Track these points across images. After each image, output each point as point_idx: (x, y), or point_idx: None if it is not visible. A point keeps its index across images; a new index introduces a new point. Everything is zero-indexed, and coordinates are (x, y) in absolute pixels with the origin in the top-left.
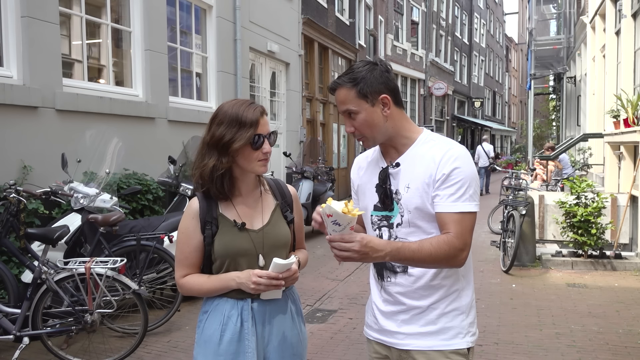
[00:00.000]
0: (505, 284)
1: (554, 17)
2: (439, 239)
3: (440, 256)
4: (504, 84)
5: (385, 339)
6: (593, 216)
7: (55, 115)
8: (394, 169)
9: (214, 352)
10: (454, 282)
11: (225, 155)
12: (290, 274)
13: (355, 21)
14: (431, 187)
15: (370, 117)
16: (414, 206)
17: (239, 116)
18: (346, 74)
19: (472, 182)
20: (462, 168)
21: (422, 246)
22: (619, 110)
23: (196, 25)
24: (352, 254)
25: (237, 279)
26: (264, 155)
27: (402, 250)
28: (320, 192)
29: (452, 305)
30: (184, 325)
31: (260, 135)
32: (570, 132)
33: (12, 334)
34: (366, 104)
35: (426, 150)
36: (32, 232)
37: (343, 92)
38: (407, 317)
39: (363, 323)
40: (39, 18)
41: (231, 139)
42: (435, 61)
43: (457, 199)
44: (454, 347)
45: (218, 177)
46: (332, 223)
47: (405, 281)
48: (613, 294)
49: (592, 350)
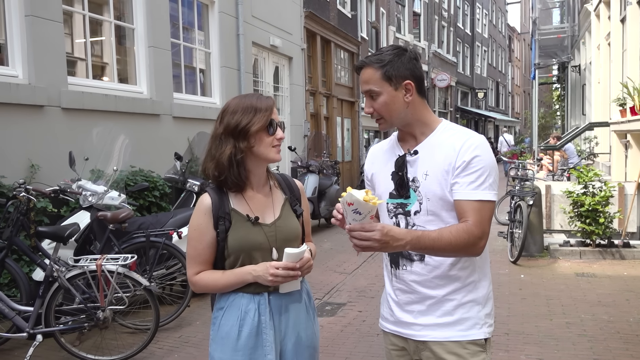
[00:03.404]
0: (513, 274)
1: (557, 5)
2: (457, 227)
3: (460, 245)
4: (507, 74)
5: (401, 331)
6: (601, 205)
7: (61, 114)
8: (412, 156)
9: (232, 347)
10: (470, 274)
11: (242, 140)
12: (304, 262)
13: (357, 14)
14: (450, 175)
15: (391, 101)
16: (433, 194)
17: (253, 104)
18: (374, 55)
19: (492, 171)
20: (482, 156)
21: (442, 234)
22: (625, 98)
23: (199, 21)
24: (372, 243)
25: (254, 272)
26: (278, 142)
27: (422, 239)
28: (325, 186)
29: (469, 297)
30: (195, 321)
31: (272, 120)
32: (575, 122)
33: (25, 332)
34: (389, 86)
35: (445, 138)
36: (42, 230)
37: (368, 72)
38: (423, 308)
39: (372, 316)
40: (42, 17)
41: (249, 122)
42: (438, 52)
43: (477, 187)
44: (471, 337)
45: (235, 164)
46: (353, 212)
47: (421, 270)
48: (622, 282)
49: (604, 339)
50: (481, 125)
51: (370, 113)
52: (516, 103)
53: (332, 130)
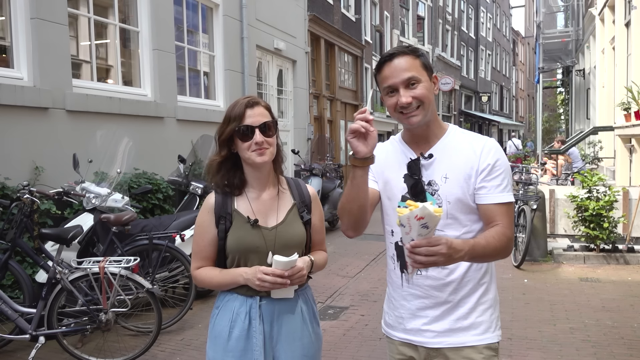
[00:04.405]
0: (517, 279)
1: (562, 9)
2: (497, 232)
3: (502, 248)
4: (511, 78)
5: (412, 339)
6: (605, 210)
7: (66, 116)
8: (427, 160)
9: (223, 347)
10: (482, 275)
11: (222, 148)
12: (295, 272)
13: (361, 17)
14: (473, 179)
15: (429, 90)
16: (454, 197)
17: (229, 112)
18: (405, 47)
19: (510, 174)
20: (502, 159)
21: (488, 241)
22: (629, 102)
23: (203, 24)
24: (438, 258)
25: (245, 275)
26: (256, 146)
27: (476, 248)
28: (329, 189)
29: (482, 299)
30: (197, 324)
31: (246, 126)
32: (579, 126)
33: (28, 334)
34: (427, 75)
35: (460, 141)
36: (46, 232)
37: (407, 60)
38: (438, 313)
39: (375, 320)
40: (48, 19)
41: (222, 132)
42: (442, 56)
43: (503, 190)
44: (486, 341)
45: (218, 168)
46: (421, 226)
47: (438, 274)
48: (627, 287)
49: (607, 345)
50: (485, 129)
51: (407, 104)
52: (520, 107)
53: (335, 134)
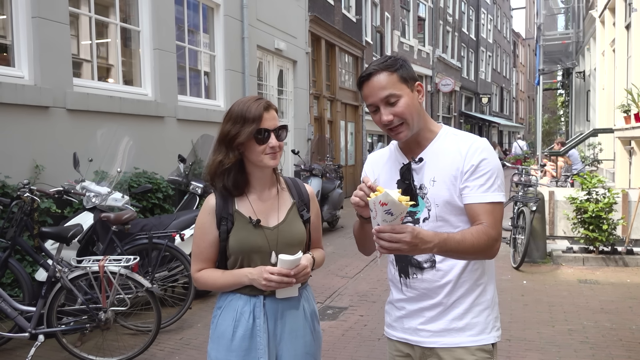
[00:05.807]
0: (516, 280)
1: (562, 11)
2: (477, 229)
3: (481, 246)
4: (511, 79)
5: (409, 338)
6: (604, 212)
7: (66, 115)
8: (417, 164)
9: (226, 347)
10: (479, 277)
11: (232, 150)
12: (300, 270)
13: (362, 18)
14: (459, 180)
15: (412, 102)
16: (442, 199)
17: (243, 112)
18: (381, 63)
19: (499, 173)
20: (489, 159)
21: (465, 237)
22: (629, 105)
23: (204, 24)
24: (401, 245)
25: (250, 275)
26: (271, 149)
27: (448, 242)
28: (328, 190)
29: (478, 300)
30: (196, 323)
31: (265, 129)
32: (579, 128)
33: (27, 332)
34: (407, 88)
35: (449, 144)
36: (46, 230)
37: (383, 77)
38: (434, 314)
39: (374, 320)
40: (49, 18)
41: (236, 134)
42: (442, 57)
43: (487, 190)
44: (480, 343)
45: (226, 171)
46: (385, 212)
47: (432, 277)
48: (625, 290)
49: (606, 347)
50: (485, 131)
51: (389, 122)
52: (520, 108)
53: (335, 134)
